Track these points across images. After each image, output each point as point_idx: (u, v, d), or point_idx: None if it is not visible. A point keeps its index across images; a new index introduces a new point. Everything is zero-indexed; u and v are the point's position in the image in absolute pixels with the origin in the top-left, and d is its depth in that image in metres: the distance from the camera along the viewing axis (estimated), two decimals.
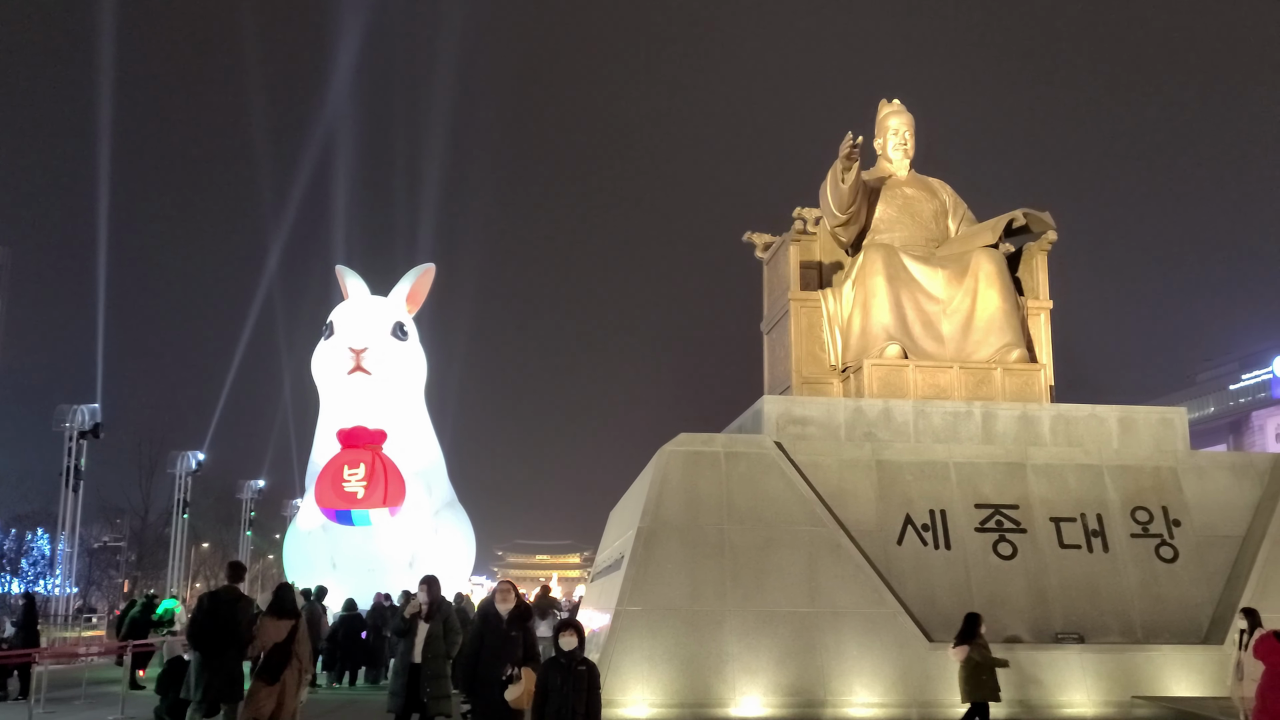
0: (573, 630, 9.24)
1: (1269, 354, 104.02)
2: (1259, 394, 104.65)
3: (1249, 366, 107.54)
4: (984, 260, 19.48)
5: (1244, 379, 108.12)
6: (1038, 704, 15.07)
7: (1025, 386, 19.10)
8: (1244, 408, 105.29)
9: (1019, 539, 16.70)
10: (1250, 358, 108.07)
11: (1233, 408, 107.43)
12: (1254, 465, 18.45)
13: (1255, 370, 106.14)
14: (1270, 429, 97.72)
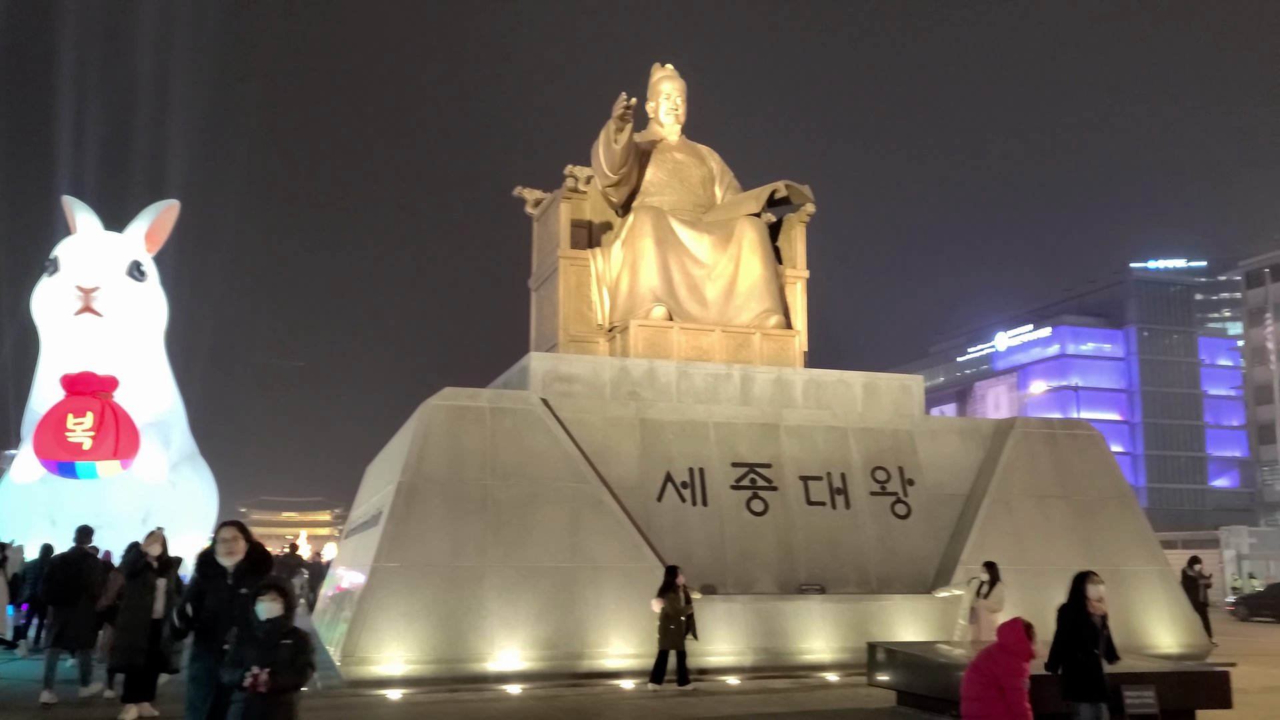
0: (276, 593, 7.05)
1: (992, 330, 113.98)
2: (982, 366, 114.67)
3: (975, 341, 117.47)
4: (748, 228, 20.11)
5: (970, 352, 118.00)
6: (782, 651, 15.85)
7: (781, 351, 19.93)
8: (969, 378, 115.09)
9: (771, 496, 17.44)
10: (976, 333, 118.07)
11: (959, 378, 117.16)
12: (979, 430, 20.07)
13: (980, 344, 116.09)
14: (990, 398, 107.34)
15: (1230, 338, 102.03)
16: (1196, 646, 18.10)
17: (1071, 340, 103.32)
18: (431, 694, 13.70)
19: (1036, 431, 19.68)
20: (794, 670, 15.73)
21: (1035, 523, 18.40)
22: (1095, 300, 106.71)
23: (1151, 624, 18.04)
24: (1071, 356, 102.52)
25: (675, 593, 14.18)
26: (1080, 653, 8.80)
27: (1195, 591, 21.98)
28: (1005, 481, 18.58)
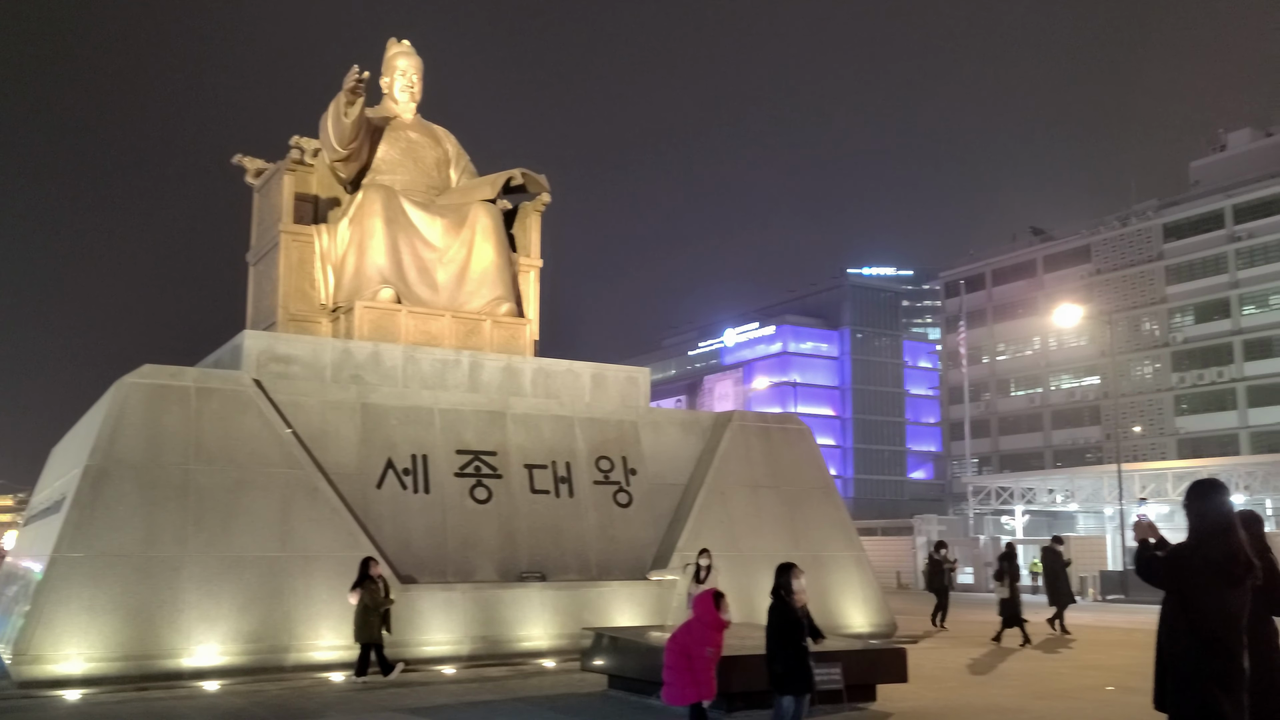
0: None
1: (722, 326, 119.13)
2: (711, 360, 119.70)
3: (706, 336, 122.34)
4: (482, 214, 19.90)
5: (701, 346, 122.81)
6: (501, 639, 15.83)
7: (512, 339, 19.88)
8: (700, 371, 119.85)
9: (495, 484, 17.37)
10: (707, 328, 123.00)
11: (690, 371, 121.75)
12: (699, 422, 20.85)
13: (710, 340, 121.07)
14: (718, 391, 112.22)
15: (930, 342, 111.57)
16: (884, 625, 19.61)
17: (793, 339, 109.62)
18: (116, 693, 12.69)
19: (752, 425, 20.67)
20: (512, 658, 15.75)
21: (747, 511, 19.33)
22: (815, 302, 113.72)
23: (846, 605, 19.38)
24: (792, 354, 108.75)
25: (374, 584, 13.78)
26: (789, 647, 9.08)
27: (940, 576, 23.54)
28: (721, 472, 19.40)
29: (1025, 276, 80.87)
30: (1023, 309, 78.93)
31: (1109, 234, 76.13)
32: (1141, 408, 71.19)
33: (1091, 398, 75.00)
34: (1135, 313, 72.98)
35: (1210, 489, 5.81)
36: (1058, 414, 77.78)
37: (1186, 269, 71.15)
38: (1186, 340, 70.78)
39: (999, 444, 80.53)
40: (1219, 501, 5.76)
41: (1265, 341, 66.98)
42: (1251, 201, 67.93)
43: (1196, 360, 70.04)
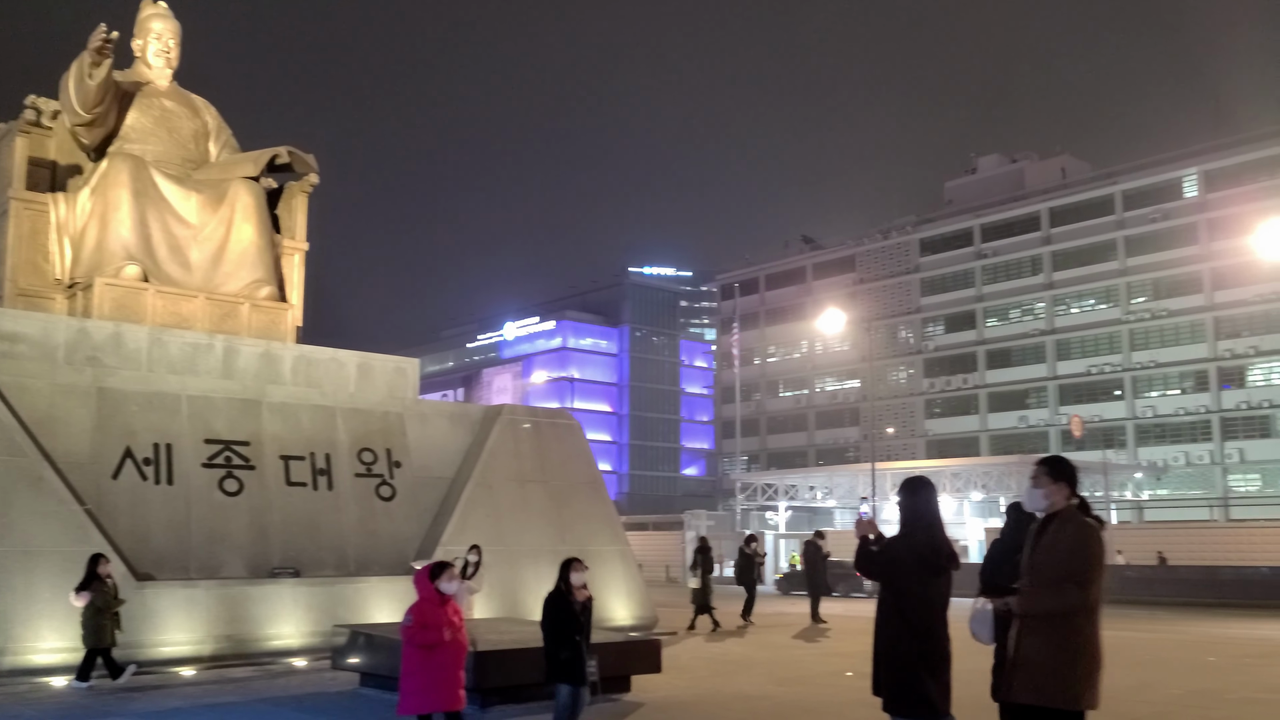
0: None
1: (502, 319, 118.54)
2: (490, 353, 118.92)
3: (486, 329, 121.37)
4: (243, 192, 18.89)
5: (480, 339, 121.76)
6: (248, 638, 15.07)
7: (272, 324, 18.98)
8: (478, 364, 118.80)
9: (247, 476, 16.53)
10: (487, 321, 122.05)
11: (469, 364, 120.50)
12: (469, 415, 20.58)
13: (490, 333, 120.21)
14: (497, 385, 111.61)
15: (706, 342, 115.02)
16: (646, 619, 19.98)
17: (572, 334, 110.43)
18: None
19: (522, 419, 20.59)
20: (260, 658, 15.02)
21: (515, 505, 19.23)
22: (596, 299, 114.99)
23: (610, 599, 19.60)
24: (572, 350, 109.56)
25: (103, 584, 12.82)
26: (565, 640, 9.03)
27: (750, 570, 23.91)
28: (489, 466, 19.22)
29: (796, 282, 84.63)
30: (793, 313, 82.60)
31: (872, 246, 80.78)
32: (896, 410, 75.92)
33: (852, 400, 79.27)
34: (893, 321, 77.71)
35: (919, 486, 6.22)
36: (821, 414, 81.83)
37: (939, 282, 76.38)
38: (937, 348, 75.96)
39: (767, 442, 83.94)
40: (926, 498, 6.19)
41: (1005, 352, 72.78)
42: (997, 222, 73.69)
43: (945, 367, 75.31)
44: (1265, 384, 61.57)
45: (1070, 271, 69.84)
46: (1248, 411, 61.70)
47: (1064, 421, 63.52)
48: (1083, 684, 5.18)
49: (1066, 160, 77.62)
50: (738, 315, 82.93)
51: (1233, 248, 58.07)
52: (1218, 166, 64.61)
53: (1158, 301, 65.82)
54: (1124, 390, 66.89)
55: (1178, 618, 26.09)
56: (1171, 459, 63.07)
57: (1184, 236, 64.90)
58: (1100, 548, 5.23)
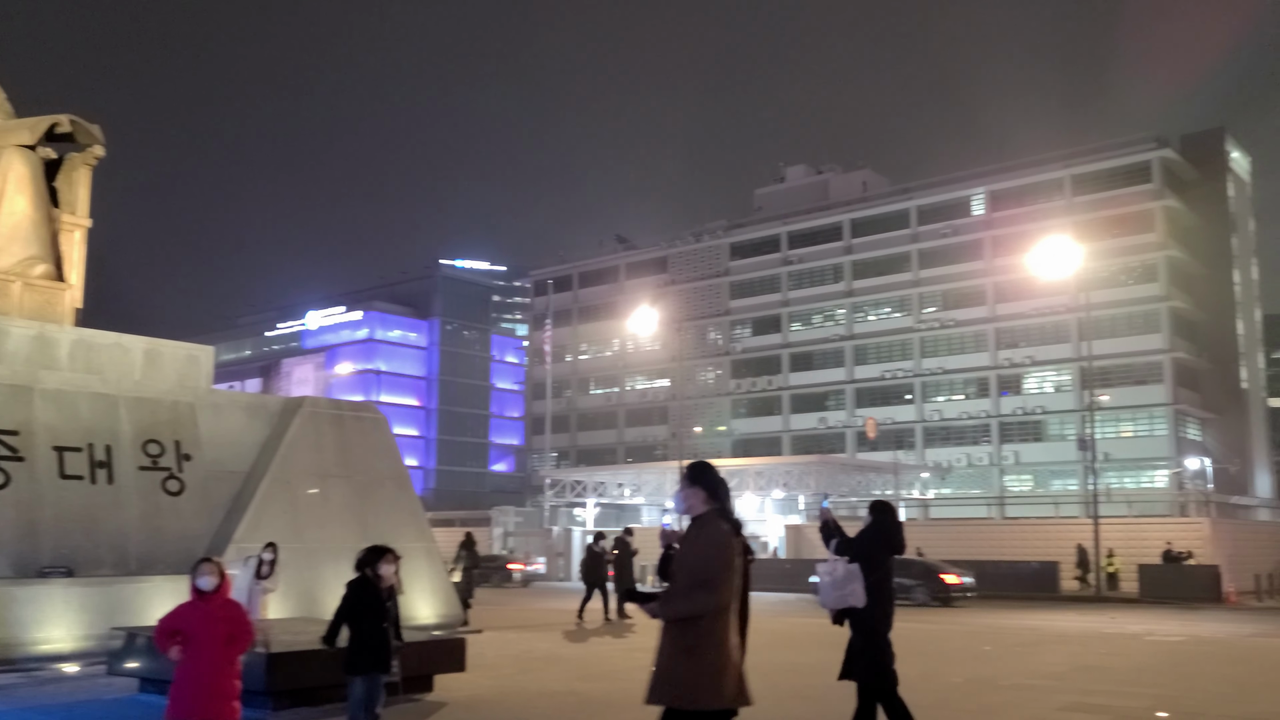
0: None
1: (304, 308, 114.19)
2: (291, 342, 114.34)
3: (286, 317, 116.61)
4: (16, 161, 17.41)
5: (280, 327, 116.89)
6: (13, 643, 13.89)
7: (47, 305, 17.56)
8: (277, 354, 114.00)
9: (15, 468, 15.22)
10: (289, 309, 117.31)
11: (267, 353, 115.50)
12: (267, 406, 19.64)
13: (291, 321, 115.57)
14: (297, 375, 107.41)
15: (518, 338, 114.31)
16: (451, 617, 19.60)
17: (380, 326, 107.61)
18: None
19: (324, 411, 19.82)
20: (25, 663, 13.85)
21: (315, 501, 18.49)
22: (406, 290, 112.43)
23: (415, 597, 19.11)
24: (379, 341, 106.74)
25: None
26: (368, 625, 8.64)
27: (598, 567, 23.40)
28: (288, 460, 18.40)
29: (609, 281, 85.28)
30: (605, 311, 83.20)
31: (684, 248, 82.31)
32: (704, 409, 77.62)
33: (661, 398, 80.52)
34: (703, 322, 79.42)
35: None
36: (631, 412, 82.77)
37: (747, 286, 78.58)
38: (744, 350, 78.12)
39: (578, 439, 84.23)
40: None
41: (807, 355, 75.57)
42: (803, 230, 76.43)
43: (751, 369, 77.57)
44: (1039, 392, 66.31)
45: (869, 280, 73.19)
46: (1023, 417, 66.29)
47: (860, 423, 66.57)
48: (703, 684, 5.18)
49: (868, 175, 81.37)
50: (551, 311, 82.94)
51: (1013, 264, 62.17)
52: (1002, 188, 69.13)
53: (946, 312, 69.83)
54: (914, 394, 70.62)
55: (959, 609, 27.62)
56: (955, 460, 67.09)
57: (971, 252, 69.13)
58: (728, 552, 5.28)
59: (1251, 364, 70.93)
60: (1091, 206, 63.48)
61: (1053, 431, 64.75)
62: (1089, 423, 43.17)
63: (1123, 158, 65.35)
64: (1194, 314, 65.40)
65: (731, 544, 5.31)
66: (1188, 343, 64.39)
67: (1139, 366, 62.21)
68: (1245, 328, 69.98)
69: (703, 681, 5.18)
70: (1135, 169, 64.86)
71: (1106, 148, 66.90)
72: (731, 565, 5.30)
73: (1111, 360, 60.11)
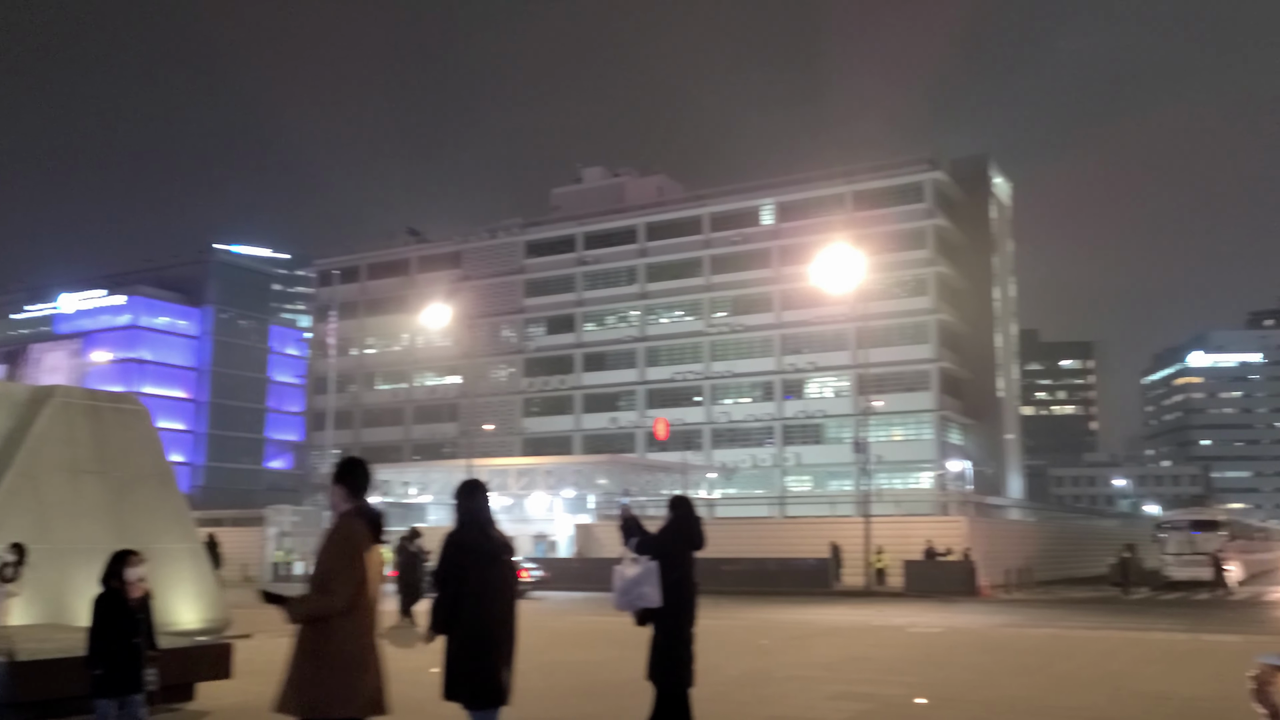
0: None
1: (56, 290, 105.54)
2: (42, 326, 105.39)
3: (36, 299, 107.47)
4: None
5: (29, 310, 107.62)
6: None
7: None
8: (25, 338, 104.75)
9: None
10: (39, 291, 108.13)
11: (13, 337, 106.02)
12: (12, 395, 17.83)
13: (42, 304, 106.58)
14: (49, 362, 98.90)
15: (300, 329, 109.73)
16: (217, 621, 18.38)
17: (145, 312, 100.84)
18: None
19: (79, 402, 18.18)
20: None
21: (66, 499, 16.93)
22: (176, 275, 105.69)
23: (178, 601, 17.82)
24: (144, 329, 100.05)
25: None
26: (117, 644, 7.88)
27: (414, 569, 22.06)
28: (35, 454, 16.76)
29: (399, 274, 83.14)
30: (394, 305, 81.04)
31: (479, 244, 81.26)
32: (495, 407, 76.81)
33: (452, 396, 79.16)
34: (496, 319, 78.62)
35: (474, 489, 6.40)
36: (420, 409, 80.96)
37: (542, 284, 78.36)
38: (538, 349, 77.85)
39: (362, 436, 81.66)
40: (480, 498, 6.38)
41: (600, 355, 76.09)
42: (599, 231, 76.93)
43: (544, 368, 77.39)
44: (820, 396, 69.25)
45: (662, 284, 74.42)
46: (805, 420, 69.05)
47: (650, 423, 67.56)
48: (331, 691, 4.97)
49: (662, 180, 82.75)
50: (336, 303, 79.83)
51: (799, 273, 64.59)
52: (790, 199, 71.82)
53: (736, 317, 71.89)
54: (704, 396, 72.30)
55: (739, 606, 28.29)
56: (741, 461, 69.12)
57: (760, 260, 71.47)
58: (355, 551, 5.09)
59: (1007, 374, 76.57)
60: (870, 222, 66.81)
61: (831, 434, 67.71)
62: (864, 426, 45.30)
63: (898, 178, 69.16)
64: (959, 327, 69.97)
65: (362, 542, 5.09)
66: (953, 353, 68.83)
67: (909, 374, 65.98)
68: (1003, 341, 75.49)
69: (331, 688, 4.94)
70: (909, 189, 68.79)
71: (885, 167, 70.62)
72: (359, 564, 5.07)
73: (885, 368, 63.46)
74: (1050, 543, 48.33)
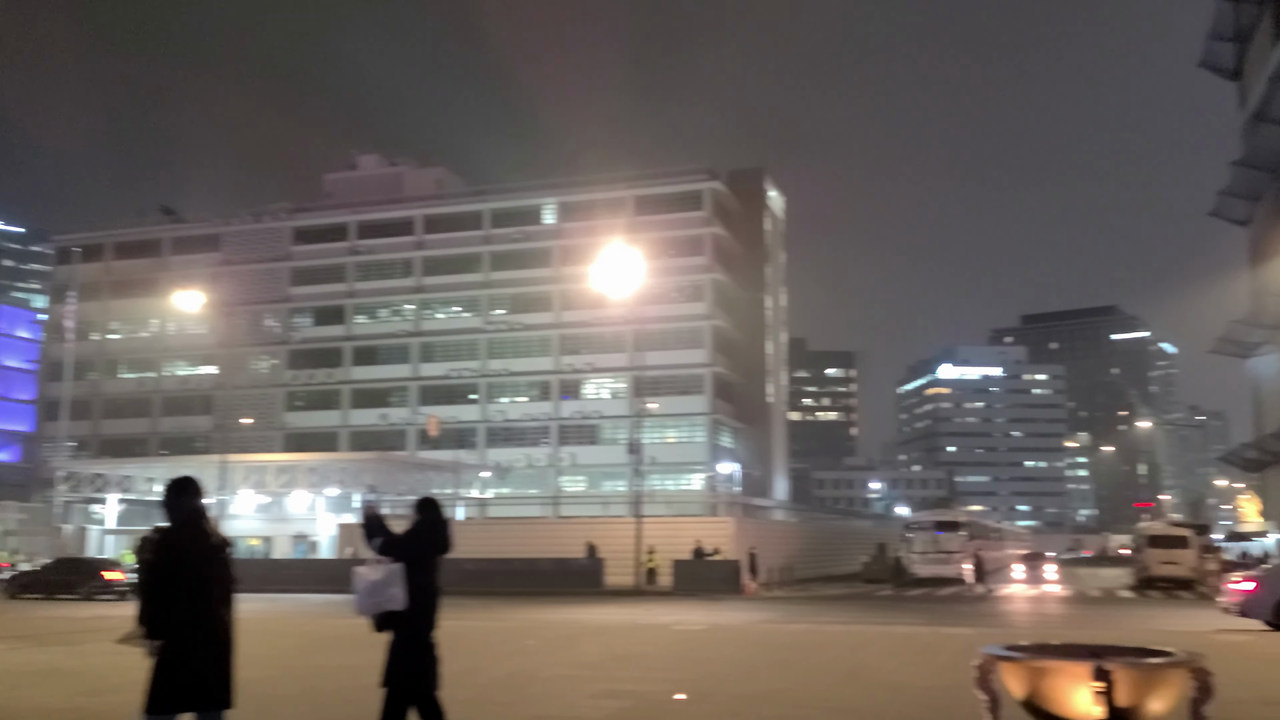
0: None
1: None
2: None
3: None
4: None
5: None
6: None
7: None
8: None
9: None
10: None
11: None
12: None
13: None
14: None
15: (34, 309, 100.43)
16: None
17: None
18: None
19: None
20: None
21: None
22: None
23: None
24: None
25: None
26: None
27: None
28: None
29: (150, 255, 77.54)
30: (143, 288, 75.34)
31: (242, 227, 76.78)
32: (255, 400, 72.61)
33: (206, 386, 74.42)
34: (259, 308, 74.46)
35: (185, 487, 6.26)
36: (170, 400, 75.64)
37: (311, 273, 74.83)
38: (304, 340, 74.26)
39: (101, 427, 75.42)
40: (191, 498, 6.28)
41: (371, 349, 73.40)
42: (374, 221, 74.25)
43: (311, 360, 73.91)
44: (596, 397, 69.34)
45: (439, 278, 72.60)
46: (581, 421, 68.94)
47: (423, 421, 65.61)
48: None
49: (443, 172, 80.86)
50: (77, 283, 73.30)
51: (579, 274, 64.47)
52: (572, 200, 71.67)
53: (515, 315, 71.01)
54: (479, 395, 70.97)
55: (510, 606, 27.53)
56: (516, 460, 68.22)
57: (541, 259, 70.93)
58: None
59: (776, 381, 79.27)
60: (651, 226, 67.51)
61: (607, 435, 67.88)
62: (639, 428, 45.42)
63: (679, 185, 70.32)
64: (732, 333, 71.79)
65: None
66: (726, 359, 70.52)
67: (684, 378, 67.06)
68: (773, 348, 78.08)
69: None
70: (689, 196, 70.06)
71: (666, 174, 71.64)
72: None
73: (661, 371, 64.24)
74: (811, 542, 50.07)
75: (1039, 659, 5.05)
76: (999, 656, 5.14)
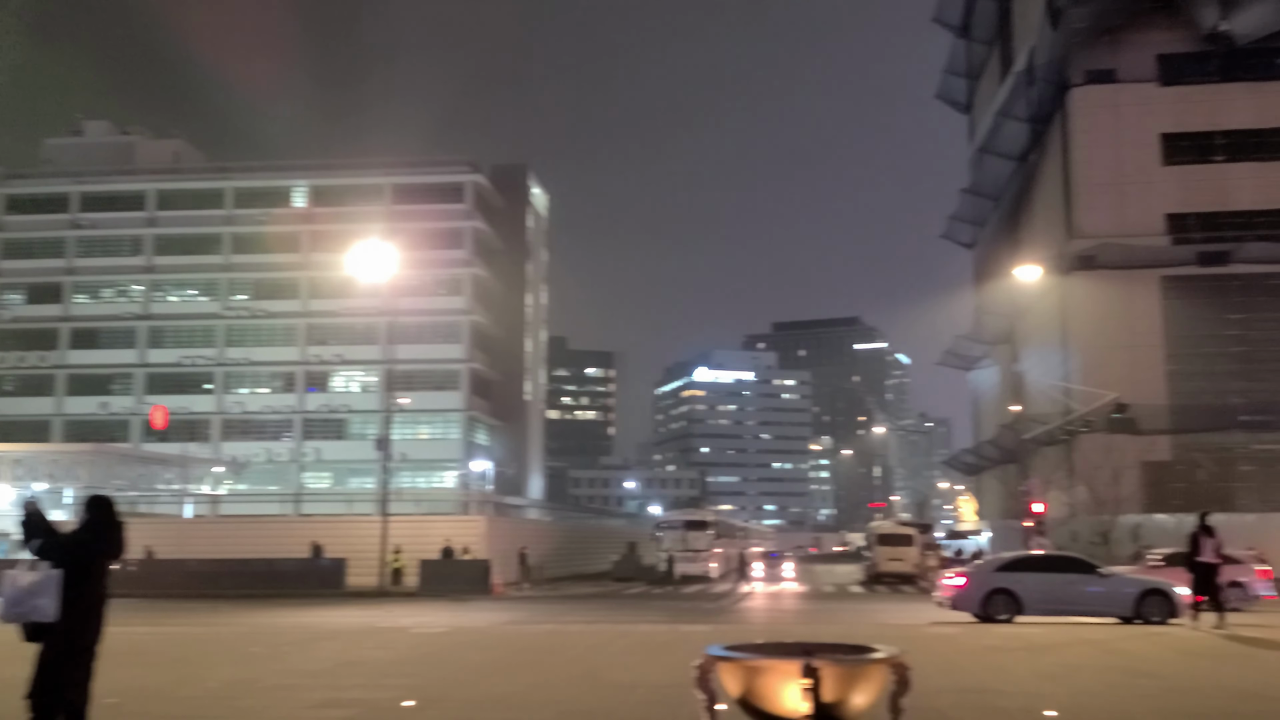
0: None
1: None
2: None
3: None
4: None
5: None
6: None
7: None
8: None
9: None
10: None
11: None
12: None
13: None
14: None
15: None
16: None
17: None
18: None
19: None
20: None
21: None
22: None
23: None
24: None
25: None
26: None
27: None
28: None
29: None
30: None
31: None
32: None
33: None
34: None
35: None
36: None
37: (24, 246, 68.19)
38: (15, 320, 67.61)
39: None
40: None
41: (92, 332, 67.57)
42: (100, 193, 68.40)
43: (21, 341, 67.32)
44: (345, 390, 66.70)
45: (173, 258, 67.86)
46: (328, 414, 66.10)
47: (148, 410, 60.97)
48: None
49: (181, 145, 75.62)
50: None
51: (330, 261, 61.72)
52: (324, 184, 68.67)
53: (258, 301, 67.24)
54: (215, 384, 66.75)
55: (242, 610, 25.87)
56: (254, 455, 64.49)
57: (288, 243, 67.49)
58: None
59: (535, 379, 79.00)
60: (409, 217, 65.62)
61: (355, 430, 65.46)
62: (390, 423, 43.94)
63: (440, 175, 68.82)
64: (491, 329, 70.91)
65: None
66: (484, 355, 69.56)
67: (439, 373, 65.59)
68: (533, 346, 77.76)
69: None
70: (450, 188, 68.67)
71: (426, 163, 69.93)
72: None
73: (415, 365, 62.48)
74: (563, 541, 50.05)
75: (753, 658, 5.19)
76: (718, 657, 5.22)
